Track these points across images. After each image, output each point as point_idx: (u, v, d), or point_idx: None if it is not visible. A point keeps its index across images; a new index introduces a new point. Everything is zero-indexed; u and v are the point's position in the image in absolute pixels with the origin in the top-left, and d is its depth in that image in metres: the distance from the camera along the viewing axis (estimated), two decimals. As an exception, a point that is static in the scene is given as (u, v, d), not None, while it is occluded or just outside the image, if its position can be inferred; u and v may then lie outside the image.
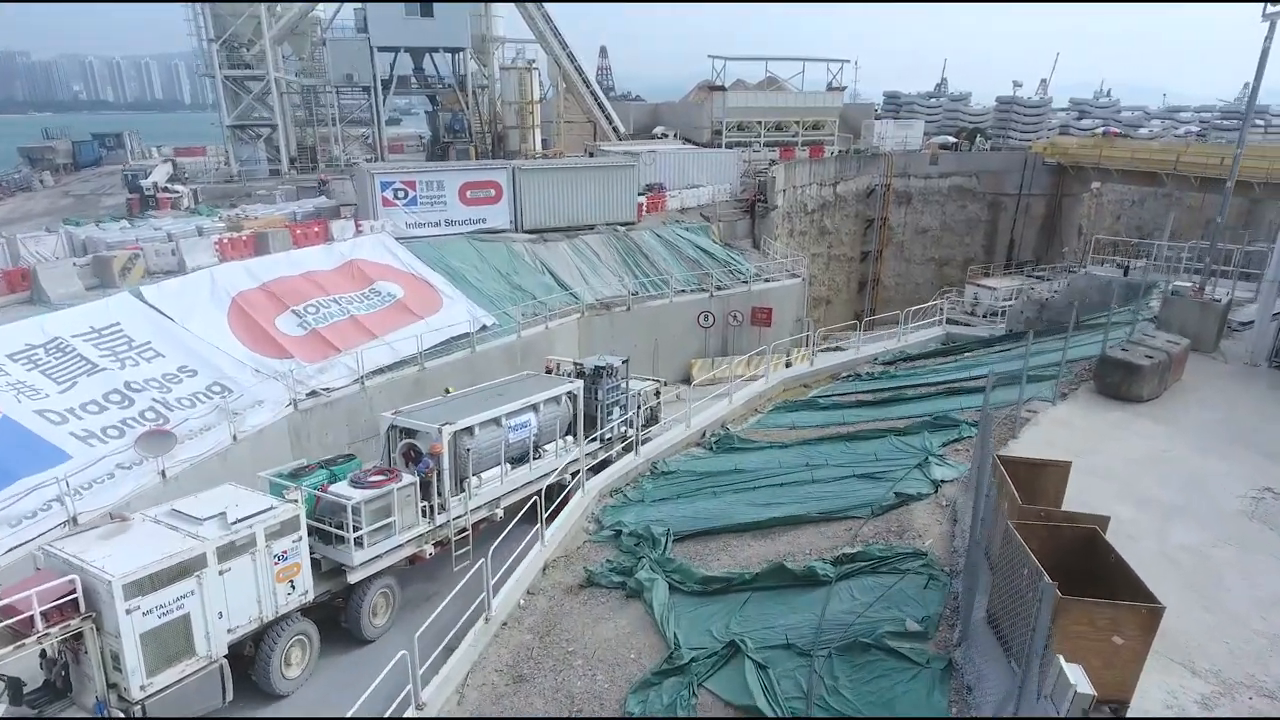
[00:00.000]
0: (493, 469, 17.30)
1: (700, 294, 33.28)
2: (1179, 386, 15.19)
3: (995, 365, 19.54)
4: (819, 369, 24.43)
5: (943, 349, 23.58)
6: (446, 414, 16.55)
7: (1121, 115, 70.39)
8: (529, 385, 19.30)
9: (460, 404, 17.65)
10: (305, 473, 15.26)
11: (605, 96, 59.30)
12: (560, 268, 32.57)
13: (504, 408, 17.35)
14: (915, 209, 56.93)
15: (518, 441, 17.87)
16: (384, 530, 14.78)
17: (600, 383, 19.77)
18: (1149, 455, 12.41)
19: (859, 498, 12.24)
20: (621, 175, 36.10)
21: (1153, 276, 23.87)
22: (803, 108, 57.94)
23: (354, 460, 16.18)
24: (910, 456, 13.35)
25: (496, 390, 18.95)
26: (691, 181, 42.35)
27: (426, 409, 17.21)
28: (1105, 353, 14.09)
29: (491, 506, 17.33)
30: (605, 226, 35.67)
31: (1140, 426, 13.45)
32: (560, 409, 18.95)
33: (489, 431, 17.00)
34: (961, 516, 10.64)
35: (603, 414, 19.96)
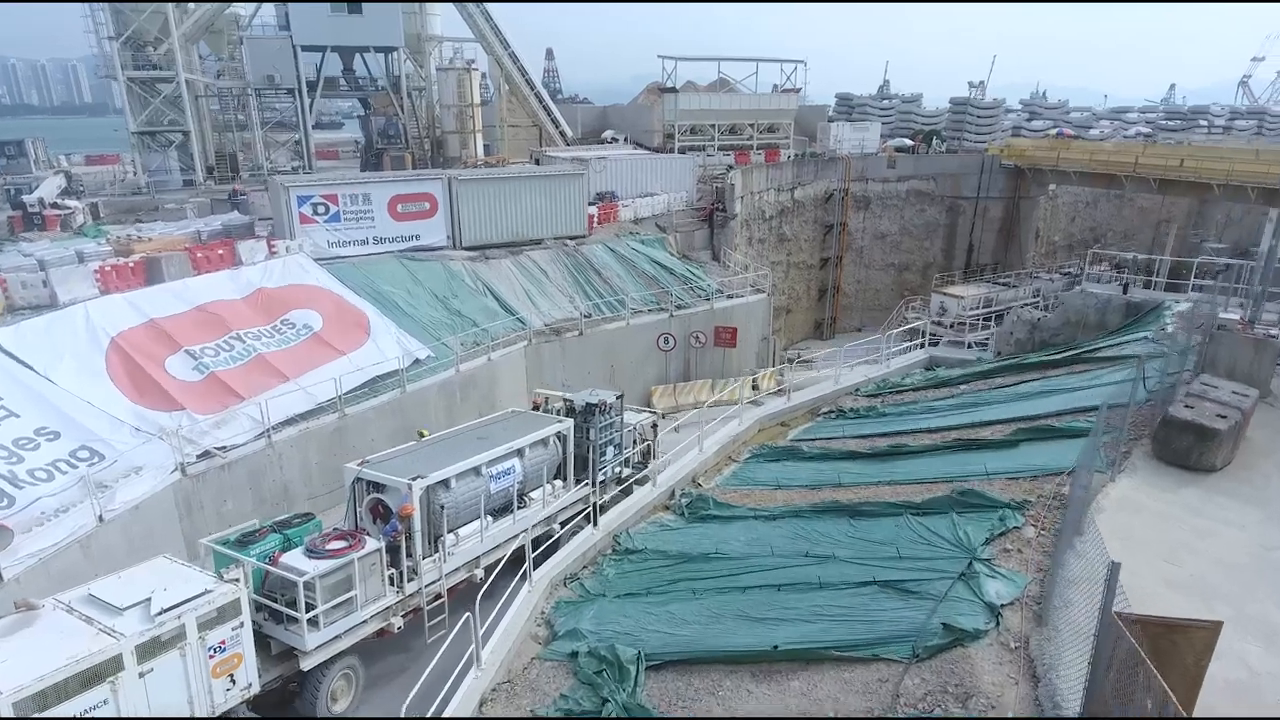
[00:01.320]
0: (471, 523, 15.34)
1: (659, 314, 30.22)
2: (1247, 446, 12.67)
3: (1003, 405, 16.92)
4: (796, 404, 21.57)
5: (935, 381, 20.89)
6: (419, 465, 14.66)
7: (1071, 116, 69.47)
8: (514, 426, 17.29)
9: (435, 451, 15.69)
10: (255, 538, 13.26)
11: (551, 99, 55.86)
12: (504, 289, 29.18)
13: (484, 455, 15.42)
14: (874, 214, 54.86)
15: (500, 491, 15.90)
16: (344, 607, 12.84)
17: (593, 420, 17.67)
18: (1253, 556, 9.77)
19: (889, 623, 9.31)
20: (570, 184, 32.84)
21: (1156, 295, 21.55)
22: (757, 110, 55.34)
23: (312, 521, 14.24)
24: (943, 553, 10.45)
25: (477, 433, 16.93)
26: (645, 189, 39.28)
27: (397, 458, 15.27)
28: (1170, 412, 11.47)
29: (470, 567, 15.30)
30: (553, 241, 32.38)
31: (1226, 509, 10.83)
32: (548, 451, 16.99)
33: (468, 483, 15.03)
34: (1047, 674, 7.77)
35: (595, 454, 17.75)
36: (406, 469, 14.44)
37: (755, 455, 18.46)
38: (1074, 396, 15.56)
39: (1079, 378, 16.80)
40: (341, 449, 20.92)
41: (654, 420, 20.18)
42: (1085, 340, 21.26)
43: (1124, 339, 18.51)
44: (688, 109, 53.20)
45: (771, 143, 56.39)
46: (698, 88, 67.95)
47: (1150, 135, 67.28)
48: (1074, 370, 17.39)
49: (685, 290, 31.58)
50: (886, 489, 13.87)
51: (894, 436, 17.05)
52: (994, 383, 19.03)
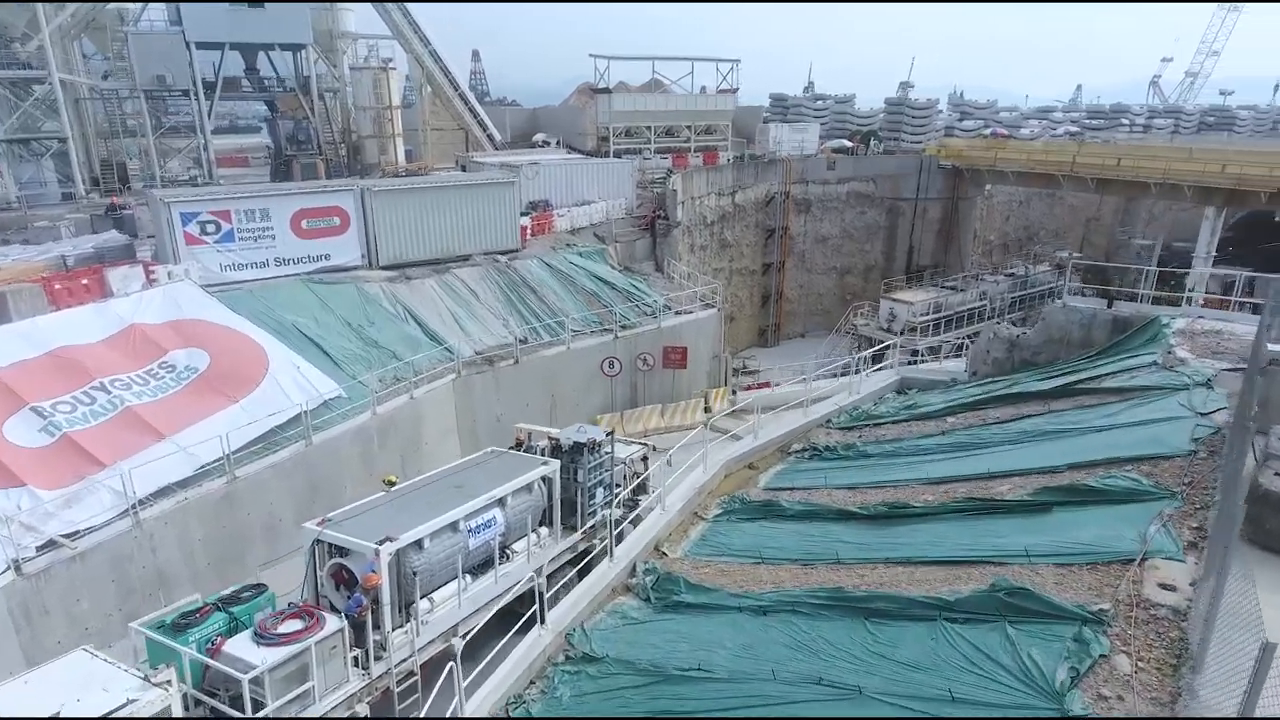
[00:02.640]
0: (449, 585, 13.54)
1: (602, 336, 27.24)
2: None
3: (1010, 450, 14.56)
4: (765, 443, 18.89)
5: (915, 412, 18.50)
6: (387, 522, 12.85)
7: (1000, 116, 69.31)
8: (494, 470, 15.43)
9: (405, 505, 13.80)
10: (196, 620, 11.26)
11: (479, 101, 52.25)
12: (428, 313, 25.75)
13: (462, 508, 13.62)
14: (815, 216, 53.06)
15: (480, 546, 14.10)
16: (300, 700, 11.04)
17: (580, 460, 16.00)
18: None
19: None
20: (499, 193, 29.57)
21: (1144, 309, 19.65)
22: (694, 110, 52.89)
23: (264, 594, 12.21)
24: (1009, 693, 7.81)
25: (453, 479, 14.98)
26: (582, 197, 36.23)
27: (362, 515, 13.31)
28: (1262, 484, 9.17)
29: (447, 636, 13.24)
30: (483, 256, 29.06)
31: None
32: (532, 497, 15.24)
33: (444, 540, 13.30)
34: None
35: (584, 497, 16.10)
36: (373, 528, 12.59)
37: (727, 511, 15.69)
38: (1095, 442, 13.27)
39: (1090, 414, 14.57)
40: (232, 519, 17.38)
41: (645, 453, 18.32)
42: (1071, 360, 19.20)
43: (1126, 363, 16.41)
44: (622, 110, 50.36)
45: (709, 144, 54.00)
46: (630, 88, 65.24)
47: (1078, 134, 67.51)
48: (1082, 404, 15.17)
49: (630, 308, 28.69)
50: (900, 571, 11.23)
51: (888, 490, 14.49)
52: (986, 416, 16.72)
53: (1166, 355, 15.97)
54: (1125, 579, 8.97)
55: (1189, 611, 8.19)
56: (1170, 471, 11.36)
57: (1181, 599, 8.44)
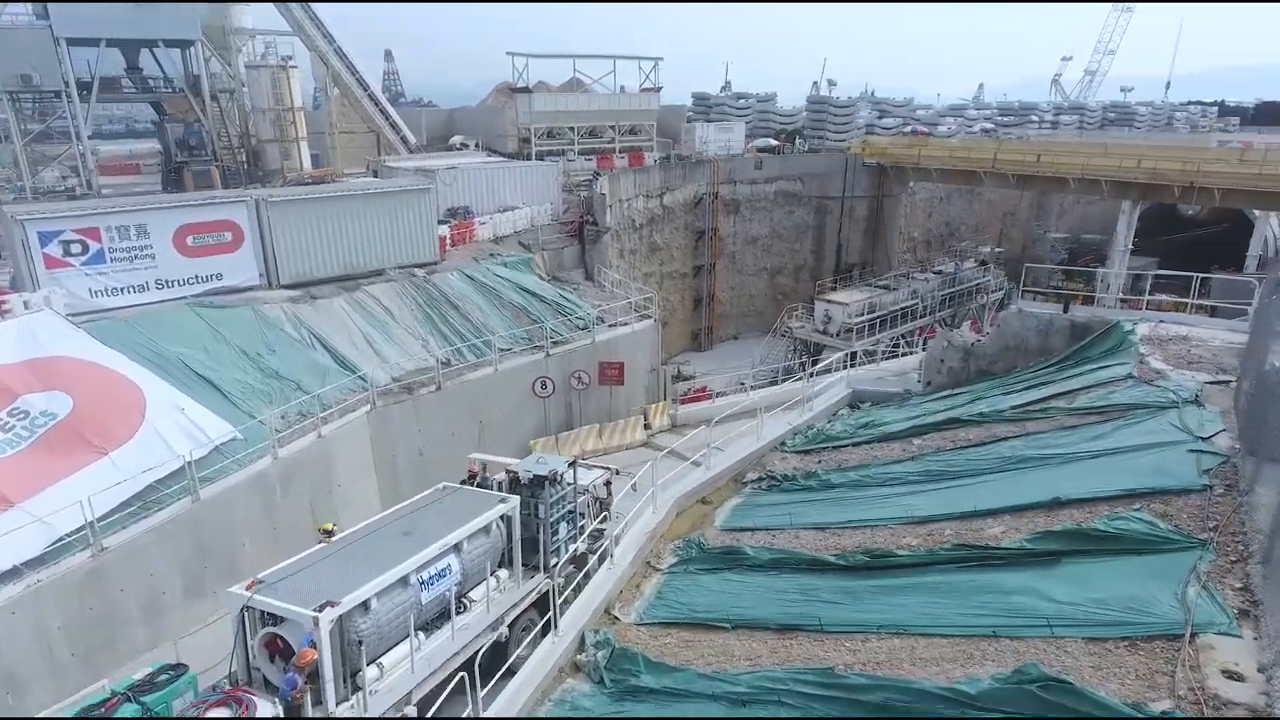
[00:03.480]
0: (400, 646, 11.90)
1: (533, 354, 25.04)
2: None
3: (992, 481, 13.15)
4: (718, 474, 17.11)
5: (876, 433, 17.03)
6: (327, 581, 11.28)
7: (918, 114, 69.81)
8: (447, 510, 13.81)
9: (348, 559, 12.08)
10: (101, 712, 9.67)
11: (389, 102, 49.04)
12: (338, 336, 23.05)
13: (413, 559, 12.06)
14: (744, 217, 51.88)
15: (434, 600, 12.56)
16: None
17: (541, 495, 14.52)
18: None
19: None
20: (414, 201, 26.98)
21: (1101, 313, 18.72)
22: (618, 110, 50.97)
23: (184, 676, 10.73)
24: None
25: (402, 525, 13.32)
26: (505, 202, 33.85)
27: (299, 574, 11.56)
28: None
29: (400, 706, 11.54)
30: (399, 271, 26.45)
31: None
32: (490, 539, 13.74)
33: (393, 598, 11.75)
34: None
35: (547, 534, 14.62)
36: (311, 590, 10.99)
37: (683, 560, 13.81)
38: (1086, 471, 11.95)
39: (1072, 435, 13.32)
40: (102, 598, 14.58)
41: (608, 477, 16.83)
42: (1033, 368, 18.13)
43: (1097, 375, 15.28)
44: (544, 110, 48.05)
45: (634, 145, 52.20)
46: (551, 88, 62.89)
47: (992, 131, 68.53)
48: (1061, 424, 13.91)
49: (561, 322, 26.55)
50: (898, 644, 9.55)
51: (863, 531, 12.89)
52: (956, 438, 15.36)
53: (1141, 366, 14.88)
54: (1179, 663, 7.46)
55: (1270, 712, 6.71)
56: (1186, 511, 10.03)
57: (1255, 692, 6.97)
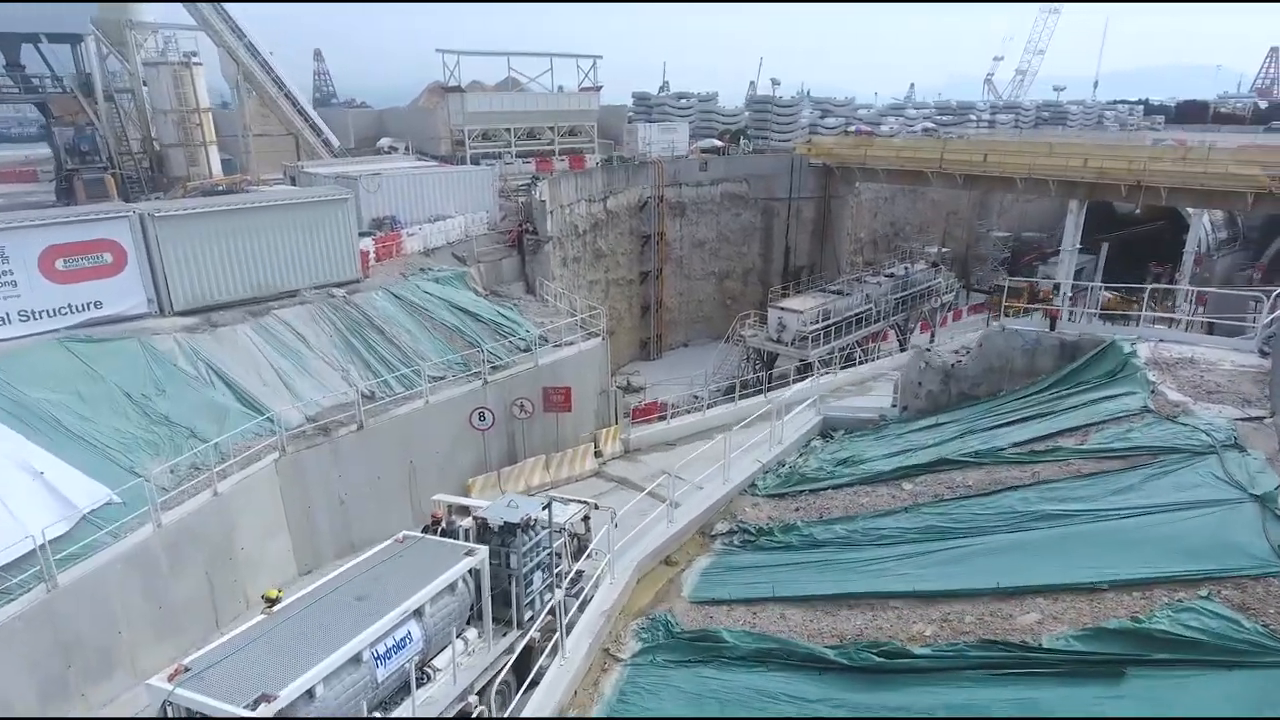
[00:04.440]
0: None
1: (469, 381, 22.37)
2: None
3: (1007, 548, 11.14)
4: (682, 527, 14.76)
5: (860, 473, 14.97)
6: (266, 664, 9.66)
7: (859, 114, 68.85)
8: (407, 566, 12.20)
9: (291, 635, 10.38)
10: None
11: (325, 104, 45.31)
12: (242, 370, 20.00)
13: (366, 633, 10.54)
14: (690, 220, 49.86)
15: (392, 675, 11.09)
16: None
17: (514, 543, 13.21)
18: None
19: None
20: (330, 212, 23.97)
21: (1091, 330, 17.04)
22: (556, 110, 48.32)
23: None
24: None
25: (356, 588, 11.61)
26: (436, 211, 30.96)
27: (233, 657, 9.84)
28: None
29: None
30: (314, 291, 23.43)
31: None
32: (457, 596, 12.37)
33: (344, 679, 10.22)
34: None
35: (520, 587, 13.33)
36: (248, 676, 9.50)
37: (648, 648, 11.43)
38: (1125, 537, 10.04)
39: (1094, 486, 11.44)
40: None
41: (586, 512, 15.57)
42: (1022, 393, 16.36)
43: (1105, 406, 13.49)
44: (478, 111, 45.12)
45: (574, 147, 49.64)
46: (486, 88, 59.80)
47: (933, 130, 68.04)
48: (1077, 471, 12.01)
49: (500, 344, 23.93)
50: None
51: (860, 608, 10.73)
52: (954, 482, 13.39)
53: (1155, 397, 13.11)
54: None
55: None
56: (1272, 602, 8.12)
57: None
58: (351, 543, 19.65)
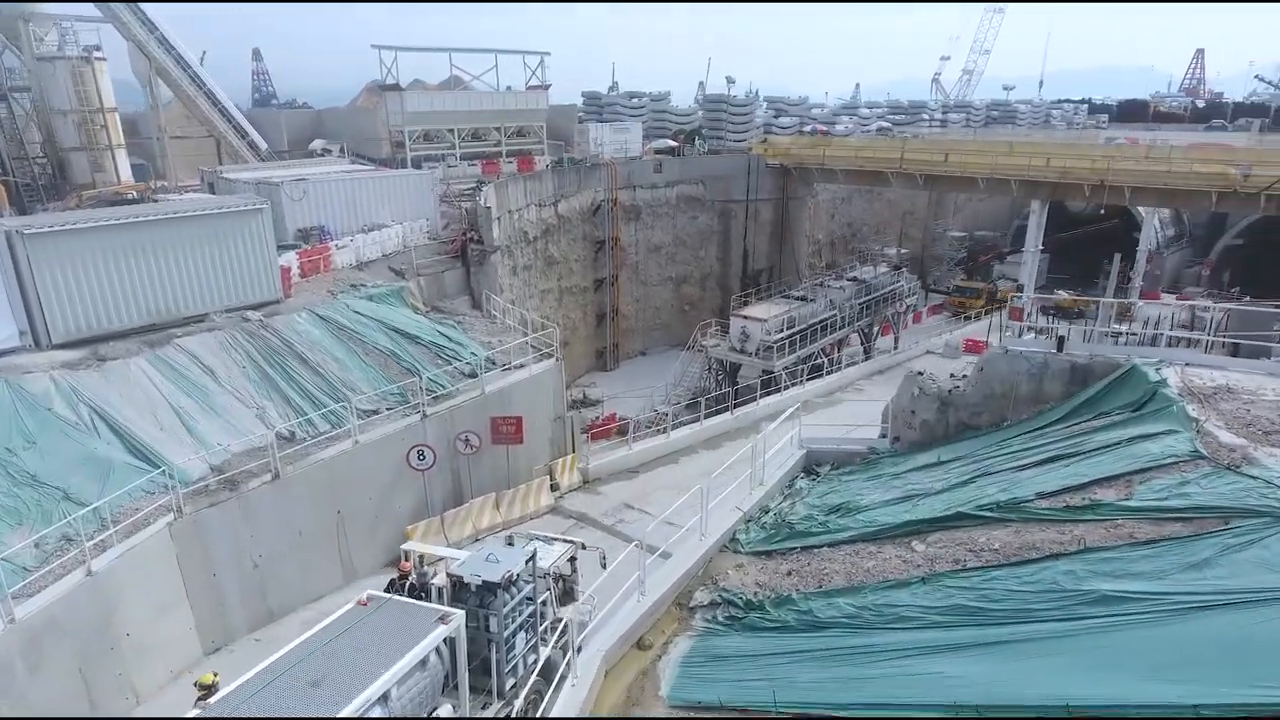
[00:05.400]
0: None
1: (406, 415, 19.61)
2: None
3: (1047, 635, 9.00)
4: (656, 601, 12.34)
5: (860, 527, 12.78)
6: None
7: (813, 113, 67.39)
8: (371, 637, 9.89)
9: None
10: None
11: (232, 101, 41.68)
12: (134, 412, 16.93)
13: None
14: (646, 224, 47.50)
15: None
16: None
17: (494, 604, 11.21)
18: None
19: None
20: (246, 224, 20.93)
21: (1104, 351, 15.15)
22: (503, 110, 45.51)
23: None
24: None
25: (309, 669, 9.24)
26: (370, 220, 28.01)
27: None
28: None
29: None
30: (226, 315, 20.39)
31: None
32: (429, 670, 10.08)
33: None
34: None
35: (501, 652, 11.27)
36: None
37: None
38: (1211, 639, 7.96)
39: (1154, 559, 9.40)
40: None
41: (572, 553, 13.71)
42: (1031, 423, 14.40)
43: (1148, 451, 11.51)
44: (419, 111, 42.07)
45: (523, 149, 46.92)
46: (428, 86, 56.64)
47: (888, 130, 66.91)
48: (1130, 535, 9.95)
49: (442, 371, 21.21)
50: None
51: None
52: (974, 544, 11.26)
53: (1204, 438, 11.16)
54: None
55: None
56: None
57: None
58: (269, 610, 16.81)
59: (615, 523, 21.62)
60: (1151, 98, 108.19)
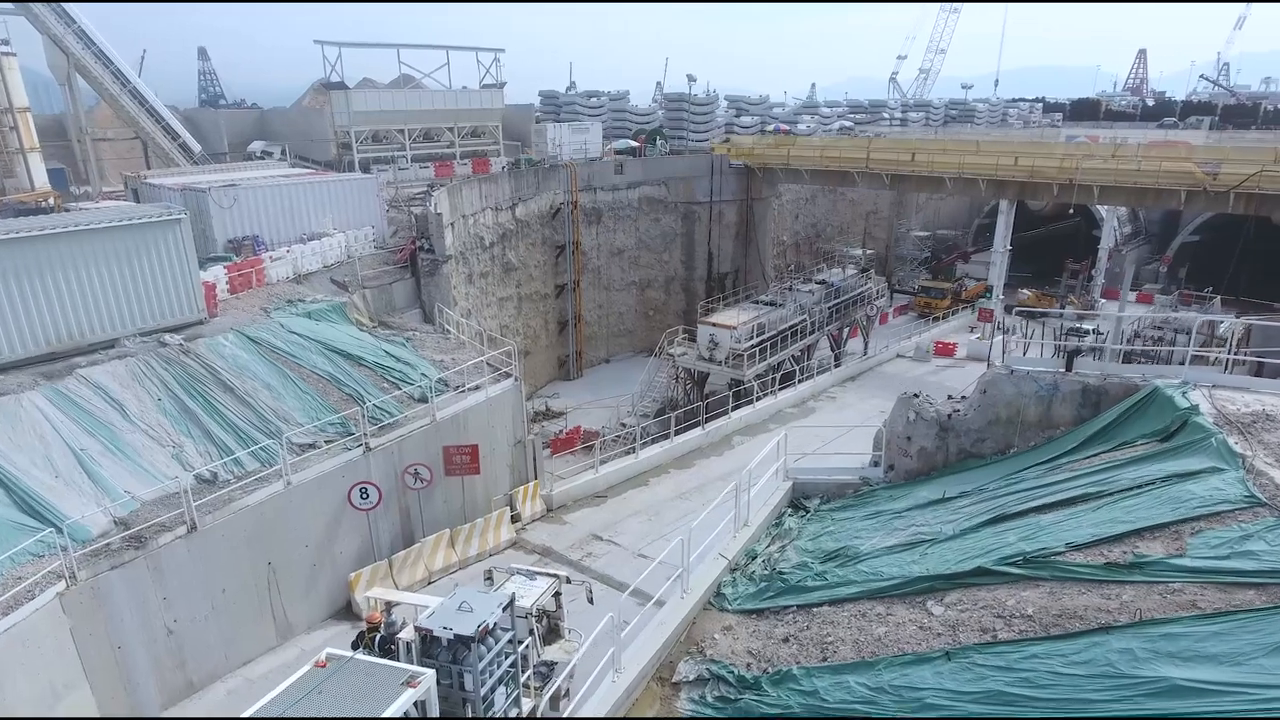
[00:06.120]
0: None
1: (348, 450, 17.46)
2: None
3: None
4: (631, 680, 10.51)
5: (864, 583, 11.13)
6: None
7: (774, 112, 66.16)
8: (327, 707, 8.30)
9: None
10: None
11: (209, 104, 38.70)
12: (25, 458, 14.55)
13: None
14: (607, 227, 45.62)
15: None
16: None
17: (468, 660, 9.99)
18: None
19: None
20: (162, 236, 18.57)
21: (1118, 371, 13.73)
22: (456, 110, 43.23)
23: None
24: None
25: None
26: (311, 228, 25.68)
27: None
28: None
29: None
30: (140, 340, 18.02)
31: None
32: None
33: None
34: None
35: (478, 710, 10.16)
36: None
37: None
38: None
39: (1227, 635, 7.91)
40: None
41: (556, 588, 13.06)
42: (1045, 454, 12.93)
43: (1193, 495, 10.05)
44: (366, 111, 39.60)
45: (478, 150, 44.72)
46: (377, 85, 54.02)
47: (850, 129, 65.96)
48: (1192, 602, 8.45)
49: (388, 396, 19.09)
50: None
51: None
52: (1002, 606, 9.71)
53: (1257, 479, 9.73)
54: None
55: None
56: None
57: None
58: (189, 681, 14.60)
59: (583, 557, 19.80)
60: (1100, 96, 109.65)
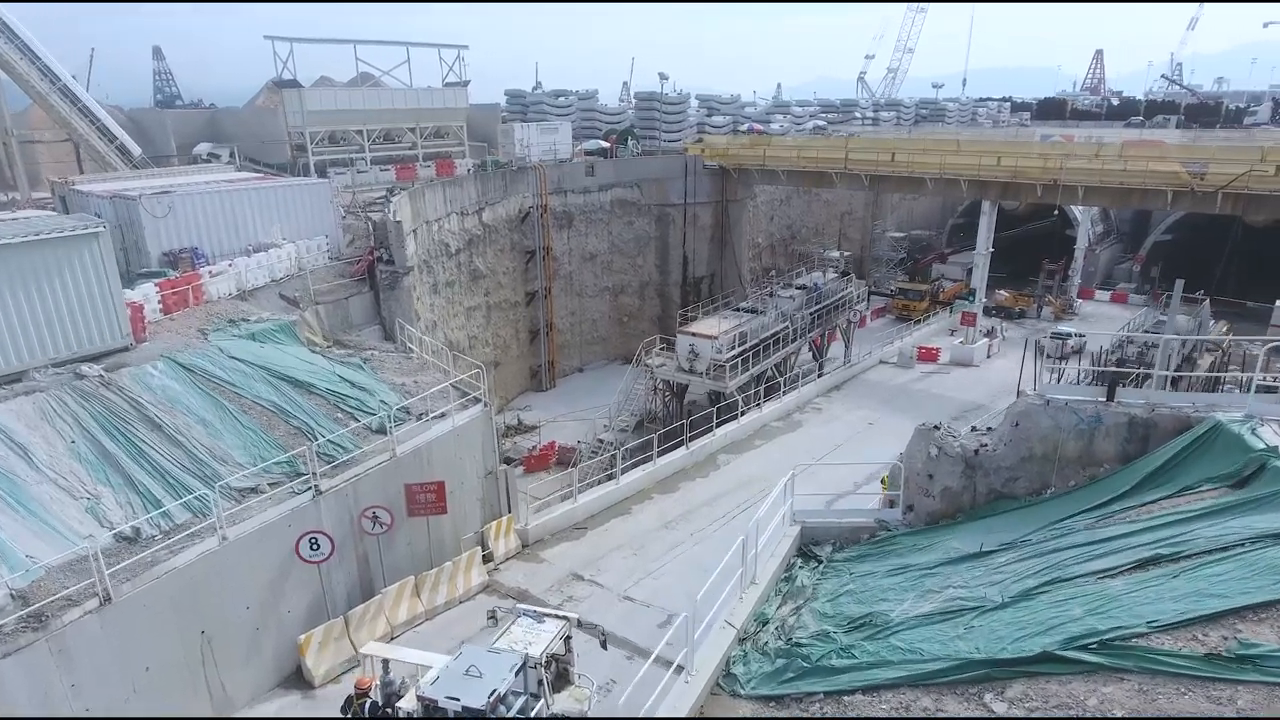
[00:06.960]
0: None
1: (296, 494, 15.29)
2: None
3: None
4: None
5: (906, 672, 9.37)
6: None
7: (746, 112, 64.62)
8: None
9: None
10: None
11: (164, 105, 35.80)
12: (-102, 523, 12.20)
13: None
14: (579, 231, 43.65)
15: None
16: None
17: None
18: None
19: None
20: (78, 253, 16.21)
21: (1164, 400, 12.16)
22: (418, 109, 40.89)
23: None
24: None
25: None
26: (257, 239, 23.33)
27: None
28: None
29: None
30: (53, 372, 15.65)
31: None
32: None
33: None
34: None
35: None
36: None
37: None
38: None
39: None
40: None
41: (567, 631, 11.97)
42: (1094, 499, 11.32)
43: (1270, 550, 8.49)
44: (321, 110, 37.14)
45: (442, 151, 42.42)
46: (335, 83, 51.35)
47: (823, 128, 64.70)
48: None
49: (345, 432, 16.93)
50: None
51: None
52: (1082, 704, 8.05)
53: None
54: None
55: None
56: None
57: None
58: (104, 778, 12.35)
59: (563, 601, 17.85)
60: (1063, 96, 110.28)
